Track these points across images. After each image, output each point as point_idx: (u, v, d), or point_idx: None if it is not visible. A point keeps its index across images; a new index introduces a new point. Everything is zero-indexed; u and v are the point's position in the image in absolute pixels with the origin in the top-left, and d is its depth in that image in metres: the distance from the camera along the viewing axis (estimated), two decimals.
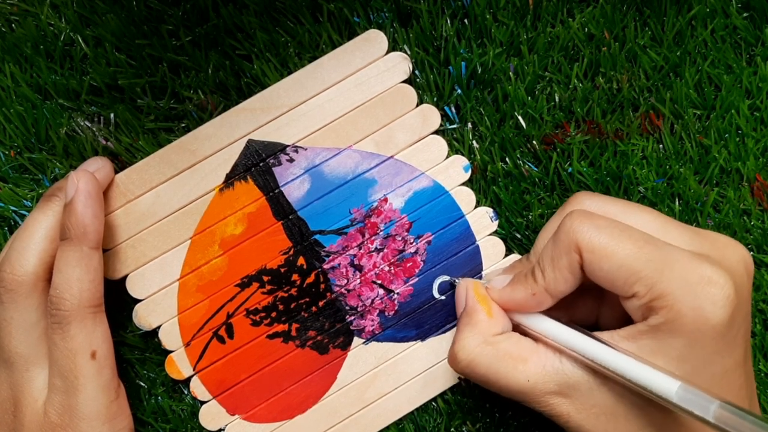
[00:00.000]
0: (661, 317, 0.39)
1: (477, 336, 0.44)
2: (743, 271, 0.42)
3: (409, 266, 0.52)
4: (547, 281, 0.42)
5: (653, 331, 0.39)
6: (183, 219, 0.51)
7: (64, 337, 0.46)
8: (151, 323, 0.52)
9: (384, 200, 0.52)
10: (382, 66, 0.51)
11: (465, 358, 0.43)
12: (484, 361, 0.43)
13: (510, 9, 0.53)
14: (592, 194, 0.45)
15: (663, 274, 0.38)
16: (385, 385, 0.52)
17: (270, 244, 0.51)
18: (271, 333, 0.52)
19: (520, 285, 0.43)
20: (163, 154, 0.51)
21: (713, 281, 0.38)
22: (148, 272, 0.51)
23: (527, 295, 0.43)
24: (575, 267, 0.41)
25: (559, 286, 0.42)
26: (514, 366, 0.42)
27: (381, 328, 0.52)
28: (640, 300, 0.39)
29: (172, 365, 0.52)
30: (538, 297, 0.43)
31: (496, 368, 0.43)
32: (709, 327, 0.38)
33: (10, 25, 0.52)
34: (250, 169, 0.51)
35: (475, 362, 0.43)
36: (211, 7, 0.52)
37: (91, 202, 0.47)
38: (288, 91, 0.51)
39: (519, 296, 0.43)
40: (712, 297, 0.38)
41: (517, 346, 0.43)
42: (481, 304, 0.45)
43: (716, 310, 0.38)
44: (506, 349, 0.43)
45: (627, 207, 0.44)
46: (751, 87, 0.54)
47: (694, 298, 0.38)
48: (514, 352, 0.43)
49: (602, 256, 0.39)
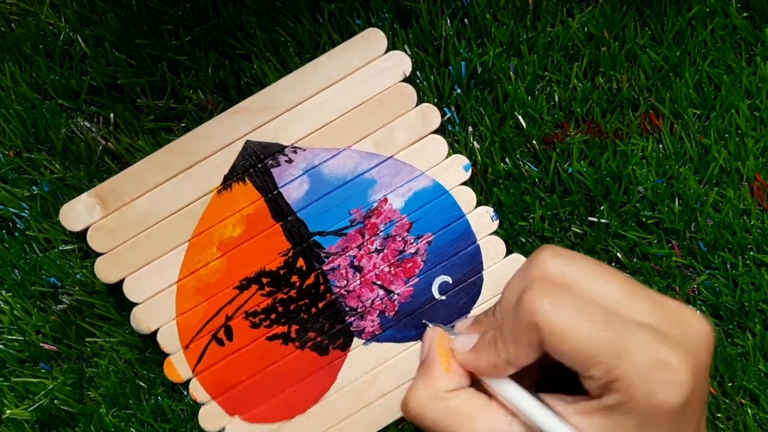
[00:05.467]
0: (616, 399, 0.37)
1: (429, 390, 0.41)
2: (703, 350, 0.39)
3: (410, 267, 0.49)
4: (509, 355, 0.39)
5: (607, 410, 0.37)
6: (181, 221, 0.48)
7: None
8: (149, 326, 0.49)
9: (384, 200, 0.49)
10: (381, 65, 0.48)
11: (414, 409, 0.41)
12: (432, 416, 0.41)
13: (510, 9, 0.50)
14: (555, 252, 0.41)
15: (620, 359, 0.36)
16: (385, 386, 0.49)
17: (269, 245, 0.48)
18: (271, 335, 0.49)
19: (484, 354, 0.41)
20: (160, 156, 0.48)
21: (669, 366, 0.36)
22: (146, 275, 0.48)
23: (489, 366, 0.40)
24: (536, 344, 0.38)
25: (521, 359, 0.39)
26: (462, 423, 0.40)
27: (381, 328, 0.49)
28: (596, 381, 0.37)
29: (170, 368, 0.49)
30: (500, 368, 0.40)
31: (443, 425, 0.40)
32: (662, 411, 0.36)
33: (9, 25, 0.50)
34: (248, 171, 0.48)
35: (422, 416, 0.41)
36: (211, 7, 0.49)
37: None
38: (286, 91, 0.48)
39: (481, 364, 0.41)
40: (666, 383, 0.36)
41: (468, 404, 0.41)
42: (440, 358, 0.42)
43: (670, 396, 0.36)
44: (456, 407, 0.40)
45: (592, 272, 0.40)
46: (750, 87, 0.51)
47: (649, 384, 0.36)
48: (463, 410, 0.40)
49: (560, 339, 0.37)
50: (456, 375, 0.42)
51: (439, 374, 0.41)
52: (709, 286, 0.50)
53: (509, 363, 0.39)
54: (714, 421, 0.50)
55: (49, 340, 0.50)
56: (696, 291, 0.50)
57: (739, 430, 0.50)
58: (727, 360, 0.50)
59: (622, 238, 0.50)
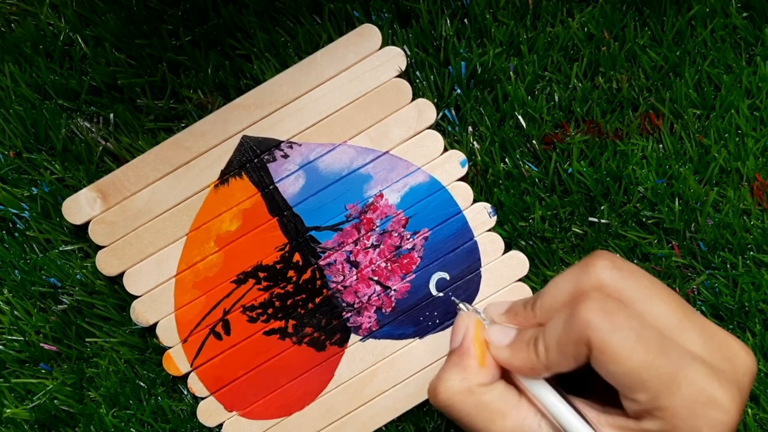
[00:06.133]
0: (657, 426, 0.36)
1: (463, 381, 0.40)
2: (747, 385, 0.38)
3: (406, 263, 0.49)
4: (549, 361, 0.38)
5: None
6: (179, 216, 0.48)
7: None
8: (148, 319, 0.49)
9: (380, 196, 0.49)
10: (376, 61, 0.48)
11: (445, 399, 0.40)
12: (464, 408, 0.40)
13: (510, 9, 0.50)
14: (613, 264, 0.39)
15: (670, 389, 0.35)
16: (383, 383, 0.49)
17: (265, 240, 0.48)
18: (268, 329, 0.49)
19: (521, 353, 0.40)
20: (159, 152, 0.48)
21: (719, 405, 0.35)
22: (145, 269, 0.48)
23: (525, 365, 0.39)
24: (581, 357, 0.37)
25: (561, 367, 0.38)
26: (492, 420, 0.39)
27: (378, 325, 0.49)
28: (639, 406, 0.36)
29: (169, 361, 0.49)
30: (537, 371, 0.39)
31: (473, 418, 0.39)
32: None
33: (9, 25, 0.50)
34: (244, 166, 0.48)
35: (453, 406, 0.40)
36: (211, 7, 0.49)
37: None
38: (282, 87, 0.48)
39: (517, 363, 0.40)
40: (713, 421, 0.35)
41: (500, 400, 0.40)
42: (476, 349, 0.41)
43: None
44: (488, 402, 0.40)
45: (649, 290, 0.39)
46: (750, 87, 0.50)
47: (695, 420, 0.35)
48: (494, 406, 0.39)
49: (612, 360, 0.36)
50: (490, 368, 0.41)
51: (473, 366, 0.40)
52: (709, 286, 0.49)
53: (547, 368, 0.38)
54: None
55: (49, 340, 0.50)
56: (696, 291, 0.50)
57: (740, 430, 0.49)
58: None
59: (622, 239, 0.50)
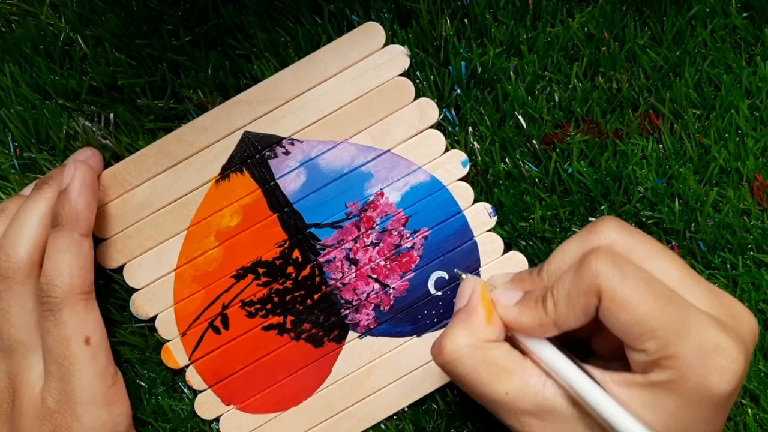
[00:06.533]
0: (665, 375, 0.36)
1: (469, 336, 0.40)
2: (751, 342, 0.38)
3: (405, 261, 0.49)
4: (558, 315, 0.38)
5: (651, 386, 0.36)
6: (179, 210, 0.48)
7: (56, 323, 0.43)
8: (147, 313, 0.49)
9: (380, 194, 0.49)
10: (379, 59, 0.48)
11: (450, 354, 0.40)
12: (469, 363, 0.39)
13: (510, 9, 0.50)
14: (620, 225, 0.40)
15: (678, 336, 0.35)
16: (380, 380, 0.49)
17: (265, 236, 0.48)
18: (266, 325, 0.49)
19: (529, 311, 0.39)
20: (160, 145, 0.48)
21: (726, 353, 0.35)
22: (145, 262, 0.48)
23: (534, 324, 0.39)
24: (591, 309, 0.37)
25: (570, 322, 0.38)
26: (498, 377, 0.39)
27: (376, 322, 0.49)
28: (647, 356, 0.36)
29: (168, 354, 0.49)
30: (545, 328, 0.39)
31: (478, 374, 0.39)
32: (708, 395, 0.35)
33: (9, 25, 0.50)
34: (246, 161, 0.48)
35: (459, 361, 0.39)
36: (211, 7, 0.49)
37: (86, 191, 0.44)
38: (284, 84, 0.48)
39: (525, 321, 0.39)
40: (720, 368, 0.35)
41: (506, 358, 0.40)
42: (484, 307, 0.41)
43: (721, 383, 0.35)
44: (494, 358, 0.39)
45: (653, 251, 0.39)
46: (750, 87, 0.50)
47: (703, 366, 0.35)
48: (500, 363, 0.39)
49: (622, 308, 0.36)
50: (496, 326, 0.40)
51: (480, 322, 0.40)
52: None
53: (556, 324, 0.38)
54: None
55: None
56: None
57: (739, 430, 0.49)
58: None
59: None
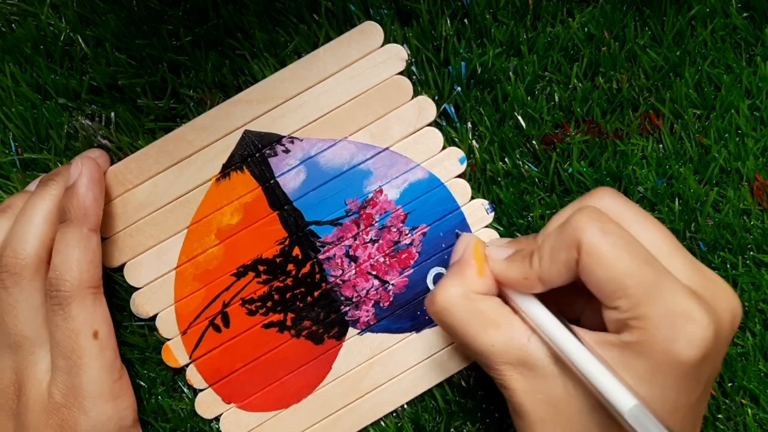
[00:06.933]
0: (634, 337, 0.36)
1: (460, 287, 0.41)
2: (728, 321, 0.38)
3: (405, 257, 0.49)
4: (542, 269, 0.39)
5: (621, 346, 0.37)
6: (180, 208, 0.48)
7: (65, 317, 0.44)
8: (148, 311, 0.49)
9: (379, 191, 0.49)
10: (378, 58, 0.48)
11: (441, 302, 0.41)
12: (458, 312, 0.41)
13: (510, 9, 0.50)
14: (615, 193, 0.41)
15: (650, 297, 0.36)
16: (380, 377, 0.49)
17: (266, 234, 0.49)
18: (267, 322, 0.49)
19: (516, 264, 0.41)
20: (161, 145, 0.48)
21: (695, 319, 0.36)
22: (146, 261, 0.48)
23: (520, 277, 0.40)
24: (572, 264, 0.38)
25: (553, 277, 0.39)
26: (485, 328, 0.40)
27: (376, 319, 0.49)
28: (619, 314, 0.37)
29: (168, 353, 0.49)
30: (530, 282, 0.40)
31: (467, 323, 0.40)
32: (675, 361, 0.36)
33: (10, 25, 0.50)
34: (246, 160, 0.48)
35: (448, 310, 0.41)
36: (211, 7, 0.49)
37: (93, 186, 0.45)
38: (284, 83, 0.48)
39: (512, 275, 0.40)
40: (688, 334, 0.36)
41: (494, 311, 0.41)
42: (475, 260, 0.42)
43: (688, 349, 0.35)
44: (483, 310, 0.41)
45: (643, 219, 0.40)
46: (751, 87, 0.50)
47: (671, 330, 0.36)
48: (489, 315, 0.40)
49: (598, 263, 0.37)
50: (488, 279, 0.41)
51: (471, 275, 0.41)
52: None
53: (541, 279, 0.39)
54: (714, 422, 0.49)
55: None
56: None
57: (739, 430, 0.49)
58: (727, 360, 0.49)
59: None
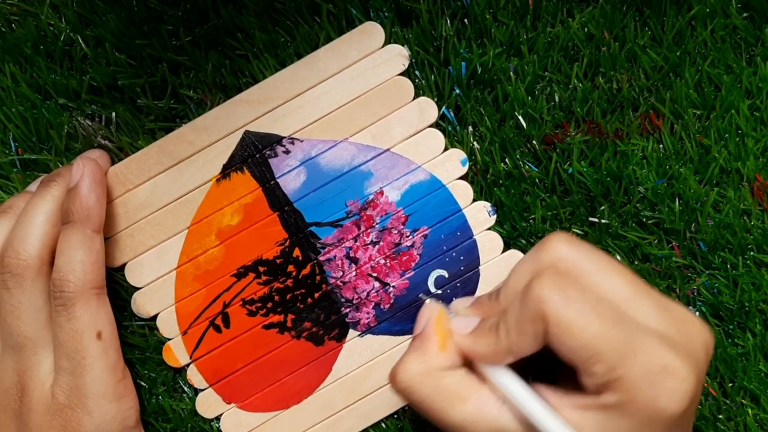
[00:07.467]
0: (615, 397, 0.36)
1: (421, 364, 0.40)
2: (704, 358, 0.38)
3: (405, 260, 0.49)
4: (510, 342, 0.38)
5: (603, 408, 0.36)
6: (180, 209, 0.48)
7: (69, 318, 0.44)
8: (149, 311, 0.49)
9: (380, 193, 0.49)
10: (379, 58, 0.48)
11: (403, 381, 0.40)
12: (422, 391, 0.39)
13: (510, 9, 0.50)
14: (568, 240, 0.40)
15: (626, 359, 0.35)
16: (380, 378, 0.49)
17: (266, 234, 0.48)
18: (267, 323, 0.49)
19: (484, 338, 0.39)
20: (161, 145, 0.48)
21: (675, 373, 0.35)
22: (146, 261, 0.48)
23: (488, 351, 0.39)
24: (540, 335, 0.37)
25: (522, 349, 0.38)
26: (451, 403, 0.39)
27: (376, 320, 0.49)
28: (596, 378, 0.36)
29: (169, 353, 0.49)
30: (500, 355, 0.39)
31: (432, 401, 0.39)
32: (660, 417, 0.35)
33: (10, 25, 0.50)
34: (246, 161, 0.48)
35: (411, 389, 0.40)
36: (211, 7, 0.49)
37: (96, 187, 0.45)
38: (285, 83, 0.48)
39: (480, 350, 0.39)
40: (670, 389, 0.35)
41: (460, 384, 0.39)
42: (437, 334, 0.41)
43: (672, 404, 0.35)
44: (447, 385, 0.39)
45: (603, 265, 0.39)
46: (751, 87, 0.50)
47: (652, 388, 0.35)
48: (454, 390, 0.39)
49: (567, 332, 0.36)
50: (451, 353, 0.40)
51: (433, 350, 0.40)
52: (710, 287, 0.49)
53: (510, 351, 0.38)
54: (715, 422, 0.49)
55: None
56: (696, 292, 0.49)
57: (740, 430, 0.49)
58: (728, 360, 0.49)
59: (622, 239, 0.49)
